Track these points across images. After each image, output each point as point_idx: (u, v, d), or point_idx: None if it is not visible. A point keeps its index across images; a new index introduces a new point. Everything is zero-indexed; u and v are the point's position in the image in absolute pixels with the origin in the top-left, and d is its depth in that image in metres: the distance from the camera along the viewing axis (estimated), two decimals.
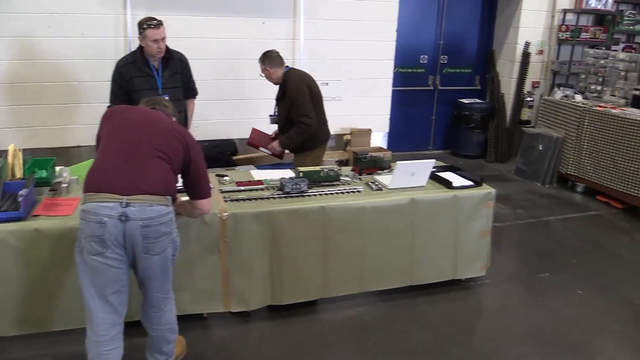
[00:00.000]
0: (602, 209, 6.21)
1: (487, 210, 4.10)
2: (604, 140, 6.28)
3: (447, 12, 7.96)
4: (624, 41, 8.45)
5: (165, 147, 2.63)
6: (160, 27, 4.14)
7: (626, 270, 4.74)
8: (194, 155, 2.77)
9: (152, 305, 2.78)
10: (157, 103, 2.96)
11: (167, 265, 2.72)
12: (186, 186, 2.89)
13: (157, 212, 2.53)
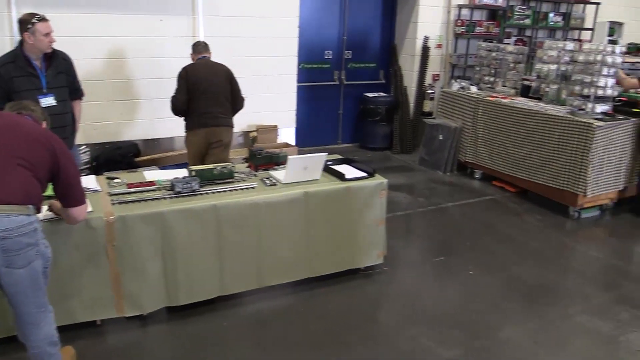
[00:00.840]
0: (497, 193, 6.57)
1: (381, 200, 4.23)
2: (496, 129, 6.65)
3: (350, 8, 8.10)
4: (516, 34, 8.95)
5: (27, 154, 2.52)
6: (47, 20, 4.03)
7: (515, 250, 5.04)
8: (63, 161, 2.66)
9: (25, 321, 2.63)
10: (24, 108, 2.82)
11: (37, 279, 2.57)
12: (57, 193, 2.78)
13: (17, 223, 2.41)
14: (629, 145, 5.88)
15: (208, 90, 4.83)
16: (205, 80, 4.85)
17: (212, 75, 4.90)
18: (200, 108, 4.85)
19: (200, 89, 4.81)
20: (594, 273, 4.73)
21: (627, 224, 5.89)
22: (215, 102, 4.89)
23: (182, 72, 4.86)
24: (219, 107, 4.92)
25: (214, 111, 4.89)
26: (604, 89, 5.65)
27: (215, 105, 4.89)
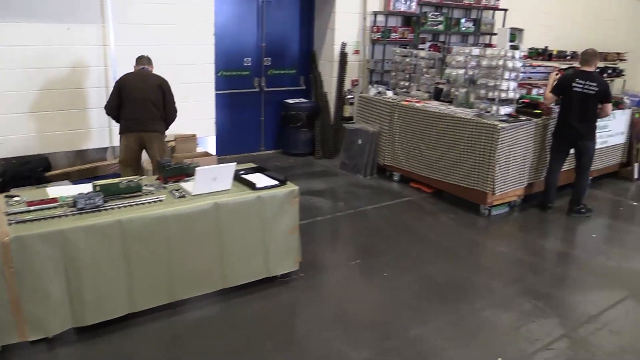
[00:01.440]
0: (414, 194, 6.77)
1: (293, 207, 4.26)
2: (411, 132, 6.85)
3: (267, 15, 8.12)
4: (430, 40, 9.27)
5: None
6: None
7: (429, 249, 5.22)
8: None
9: None
10: None
11: None
12: None
13: None
14: (532, 144, 6.22)
15: (137, 97, 5.21)
16: (135, 88, 5.23)
17: (142, 84, 5.28)
18: (128, 114, 5.25)
19: (129, 96, 5.21)
20: (500, 268, 4.97)
21: (534, 219, 6.23)
22: (143, 108, 5.23)
23: (117, 80, 5.37)
24: (147, 114, 5.25)
25: (140, 117, 5.23)
26: (506, 92, 5.96)
27: (143, 112, 5.24)
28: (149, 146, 5.37)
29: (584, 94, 5.91)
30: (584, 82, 5.93)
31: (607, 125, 7.26)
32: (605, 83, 6.09)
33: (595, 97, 5.91)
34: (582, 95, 5.92)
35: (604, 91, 5.94)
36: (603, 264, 5.13)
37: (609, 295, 4.48)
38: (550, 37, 11.04)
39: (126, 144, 5.34)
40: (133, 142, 5.30)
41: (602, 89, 5.90)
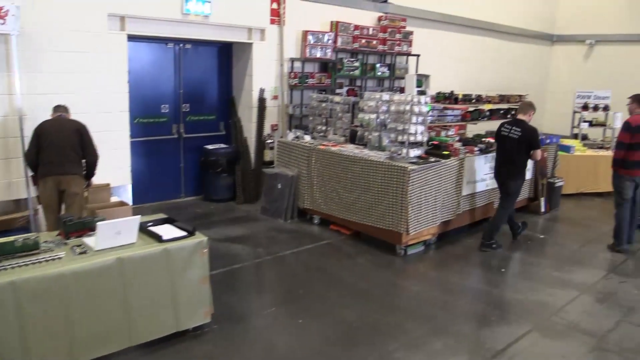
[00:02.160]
0: (334, 237, 6.85)
1: (203, 258, 4.20)
2: (328, 175, 6.98)
3: (185, 62, 8.14)
4: (347, 84, 9.57)
5: None
6: None
7: (345, 292, 5.26)
8: None
9: None
10: None
11: None
12: None
13: None
14: (442, 184, 6.47)
15: (55, 142, 5.25)
16: (53, 134, 5.29)
17: (60, 129, 5.35)
18: (46, 158, 5.27)
19: (47, 141, 5.25)
20: (414, 307, 5.06)
21: (448, 256, 6.43)
22: (61, 152, 5.27)
23: (36, 127, 5.35)
24: (64, 157, 5.28)
25: (57, 160, 5.26)
26: (415, 135, 6.21)
27: (60, 156, 5.27)
28: (67, 189, 5.31)
29: (509, 138, 6.38)
30: (510, 127, 6.43)
31: None
32: (531, 130, 6.46)
33: (520, 142, 6.32)
34: (507, 139, 6.41)
35: (528, 137, 6.34)
36: (510, 297, 5.35)
37: (514, 329, 4.66)
38: (461, 81, 11.73)
39: (44, 189, 5.30)
40: (52, 186, 5.27)
41: (525, 135, 6.33)
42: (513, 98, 8.74)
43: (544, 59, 15.21)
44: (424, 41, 10.70)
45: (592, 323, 4.85)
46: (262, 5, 8.21)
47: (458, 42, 11.82)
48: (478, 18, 12.07)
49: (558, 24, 15.11)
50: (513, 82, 13.53)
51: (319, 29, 8.85)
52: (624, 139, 6.50)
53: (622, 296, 5.49)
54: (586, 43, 14.58)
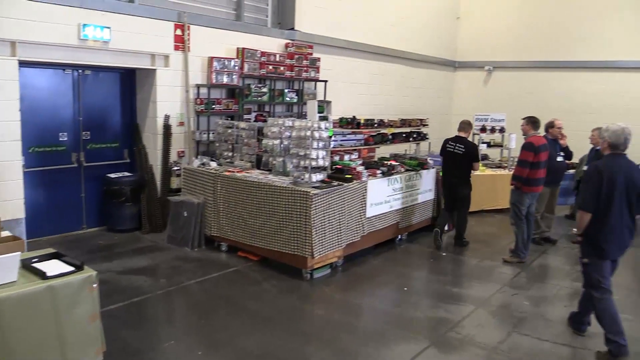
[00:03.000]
0: (241, 263, 6.78)
1: (92, 294, 4.01)
2: (234, 201, 6.93)
3: (84, 89, 7.87)
4: (255, 110, 9.60)
5: None
6: None
7: (248, 320, 5.20)
8: None
9: None
10: None
11: None
12: None
13: None
14: (346, 207, 6.60)
15: None
16: None
17: None
18: None
19: None
20: (317, 331, 5.09)
21: (354, 278, 6.54)
22: None
23: None
24: None
25: None
26: (316, 160, 6.32)
27: None
28: None
29: (455, 153, 7.58)
30: (454, 144, 7.62)
31: (416, 184, 8.00)
32: (473, 146, 7.77)
33: (463, 156, 7.53)
34: (453, 155, 7.59)
35: (471, 152, 7.57)
36: (411, 315, 5.51)
37: (413, 347, 4.79)
38: (368, 106, 12.12)
39: None
40: None
41: (468, 150, 7.56)
42: (414, 122, 9.11)
43: (448, 84, 16.00)
44: (332, 67, 10.98)
45: (485, 335, 5.08)
46: (166, 32, 8.11)
47: (365, 68, 12.21)
48: (384, 45, 12.54)
49: (459, 51, 15.99)
50: (419, 106, 14.13)
51: (225, 56, 8.86)
52: (528, 158, 7.01)
53: (514, 308, 5.80)
54: (485, 69, 15.52)
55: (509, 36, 15.00)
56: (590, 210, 4.71)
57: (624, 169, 4.68)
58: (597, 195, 4.65)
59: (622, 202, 4.66)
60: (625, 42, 13.28)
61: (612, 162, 4.72)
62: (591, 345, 4.98)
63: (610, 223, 4.68)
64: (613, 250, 4.80)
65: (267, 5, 10.30)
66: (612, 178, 4.61)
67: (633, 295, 6.50)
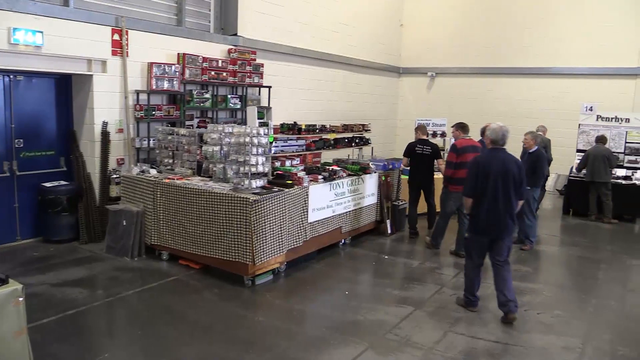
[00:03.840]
0: (182, 272, 6.68)
1: (17, 308, 3.87)
2: (174, 209, 6.83)
3: (16, 95, 7.59)
4: (198, 116, 9.50)
5: None
6: None
7: (186, 330, 5.12)
8: None
9: None
10: None
11: None
12: None
13: None
14: (288, 213, 6.61)
15: None
16: None
17: None
18: None
19: None
20: (256, 338, 5.06)
21: (296, 283, 6.55)
22: None
23: None
24: None
25: None
26: (256, 166, 6.31)
27: None
28: None
29: (424, 154, 8.44)
30: (422, 147, 8.49)
31: (359, 189, 8.09)
32: (436, 146, 8.76)
33: (431, 156, 8.47)
34: (422, 156, 8.44)
35: (435, 151, 8.53)
36: (351, 319, 5.55)
37: (351, 350, 4.84)
38: (314, 111, 12.20)
39: None
40: None
41: (434, 150, 8.51)
42: (357, 127, 9.22)
43: (392, 90, 16.29)
44: (276, 73, 11.01)
45: (422, 336, 5.18)
46: (103, 37, 7.93)
47: (309, 74, 12.29)
48: (328, 51, 12.66)
49: (403, 57, 16.32)
50: (365, 111, 14.34)
51: (165, 61, 8.73)
52: (452, 159, 7.59)
53: (451, 308, 5.94)
54: (428, 75, 15.89)
55: (450, 43, 15.44)
56: (470, 195, 5.60)
57: (501, 161, 5.50)
58: (475, 183, 5.51)
59: (497, 189, 5.44)
60: (562, 50, 13.89)
61: (490, 155, 5.61)
62: (522, 342, 5.16)
63: (485, 206, 5.48)
64: (488, 230, 5.58)
65: (209, 10, 10.22)
66: (486, 168, 5.46)
67: (564, 292, 6.78)
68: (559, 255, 8.50)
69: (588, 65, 13.59)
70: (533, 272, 7.44)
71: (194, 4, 9.81)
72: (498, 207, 5.46)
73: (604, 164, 10.42)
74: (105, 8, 8.22)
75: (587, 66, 13.60)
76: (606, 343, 5.25)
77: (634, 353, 5.05)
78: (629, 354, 5.03)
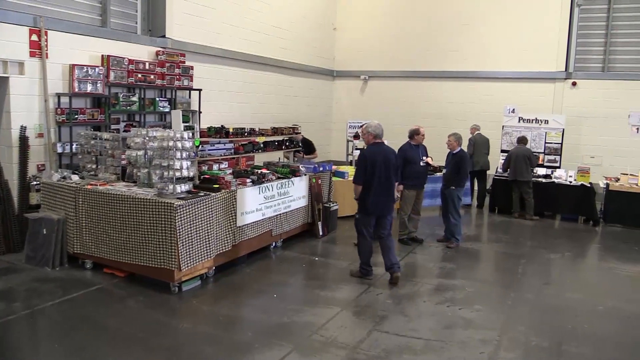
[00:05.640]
0: (106, 280, 6.49)
1: None
2: (97, 216, 6.63)
3: None
4: (125, 120, 9.26)
5: None
6: None
7: (108, 340, 4.99)
8: None
9: None
10: None
11: None
12: None
13: None
14: (215, 217, 6.55)
15: None
16: None
17: None
18: None
19: None
20: (180, 346, 4.98)
21: (224, 288, 6.49)
22: None
23: None
24: None
25: None
26: (180, 170, 6.22)
27: None
28: None
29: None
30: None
31: (289, 192, 8.12)
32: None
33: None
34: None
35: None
36: (278, 322, 5.57)
37: (276, 353, 4.85)
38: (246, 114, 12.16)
39: None
40: None
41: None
42: (286, 130, 9.25)
43: (327, 93, 16.46)
44: (207, 76, 10.91)
45: (347, 336, 5.27)
46: (19, 37, 7.59)
47: (241, 77, 12.23)
48: (260, 54, 12.64)
49: (337, 60, 16.52)
50: (300, 114, 14.41)
51: (89, 63, 8.46)
52: None
53: (377, 307, 6.07)
54: (361, 78, 16.15)
55: (382, 47, 15.77)
56: (360, 183, 6.67)
57: (383, 152, 6.75)
58: (364, 172, 6.62)
59: (381, 176, 6.63)
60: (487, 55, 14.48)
61: (374, 148, 6.76)
62: (443, 337, 5.33)
63: (372, 191, 6.62)
64: (375, 209, 6.75)
65: (136, 11, 9.99)
66: (373, 159, 6.61)
67: (485, 287, 7.06)
68: (483, 252, 8.85)
69: (512, 70, 14.21)
70: (457, 269, 7.70)
71: (119, 5, 9.56)
72: (382, 191, 6.68)
73: (525, 163, 10.93)
74: (22, 7, 7.88)
75: (511, 70, 14.23)
76: (521, 334, 5.51)
77: (546, 342, 5.33)
78: (541, 344, 5.30)
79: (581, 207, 11.02)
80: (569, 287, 7.08)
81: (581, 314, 6.13)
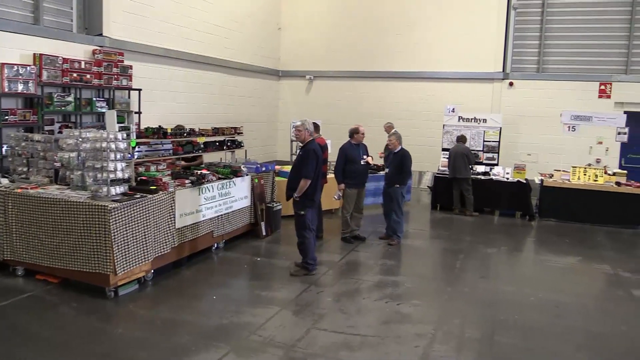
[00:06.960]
0: (38, 287, 6.28)
1: None
2: (29, 221, 6.40)
3: None
4: (60, 121, 8.97)
5: None
6: None
7: (37, 349, 4.83)
8: None
9: None
10: None
11: None
12: None
13: None
14: (152, 219, 6.44)
15: None
16: None
17: None
18: None
19: None
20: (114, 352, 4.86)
21: (163, 291, 6.39)
22: None
23: None
24: None
25: None
26: (115, 172, 6.09)
27: None
28: None
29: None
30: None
31: (230, 192, 8.07)
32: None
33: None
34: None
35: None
36: (216, 324, 5.53)
37: (212, 355, 4.83)
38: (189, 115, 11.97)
39: None
40: None
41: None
42: (228, 130, 9.17)
43: (272, 93, 16.43)
44: (148, 75, 10.68)
45: (285, 335, 5.30)
46: None
47: (184, 77, 12.04)
48: (203, 54, 12.49)
49: (283, 60, 16.51)
50: (245, 114, 14.32)
51: (20, 62, 8.15)
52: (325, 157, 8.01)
53: (317, 305, 6.12)
54: (306, 78, 16.21)
55: (327, 47, 15.88)
56: (311, 177, 6.94)
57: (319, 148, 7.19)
58: (315, 167, 6.97)
59: (319, 170, 7.10)
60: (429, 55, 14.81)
61: (315, 144, 7.15)
62: (380, 332, 5.43)
63: (314, 185, 7.03)
64: (315, 203, 7.22)
65: (71, 8, 9.68)
66: (316, 154, 7.01)
67: (424, 282, 7.23)
68: (424, 248, 9.05)
69: (453, 70, 14.59)
70: (398, 265, 7.86)
71: (53, 2, 9.24)
72: (319, 185, 7.25)
73: (463, 161, 11.24)
74: None
75: (452, 70, 14.60)
76: (456, 327, 5.68)
77: (478, 334, 5.51)
78: (475, 335, 5.48)
79: (518, 203, 11.45)
80: (504, 280, 7.35)
81: (514, 305, 6.37)
